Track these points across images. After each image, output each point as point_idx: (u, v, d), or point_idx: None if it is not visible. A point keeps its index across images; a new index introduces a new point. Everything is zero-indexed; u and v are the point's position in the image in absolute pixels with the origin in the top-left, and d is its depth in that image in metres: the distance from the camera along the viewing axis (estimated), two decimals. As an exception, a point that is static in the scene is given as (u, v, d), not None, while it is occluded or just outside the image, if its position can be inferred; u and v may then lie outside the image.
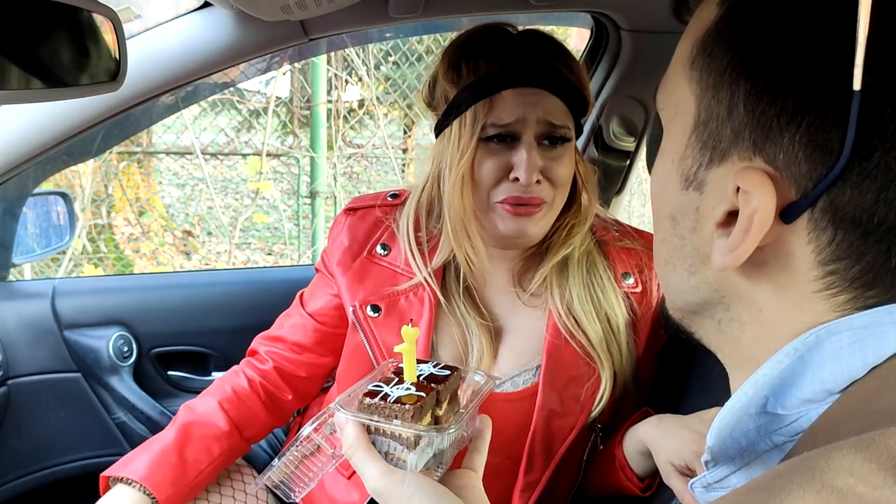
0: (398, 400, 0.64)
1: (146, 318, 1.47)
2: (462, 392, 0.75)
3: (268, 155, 3.86)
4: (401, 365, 0.69)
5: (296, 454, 0.72)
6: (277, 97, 3.80)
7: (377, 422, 0.64)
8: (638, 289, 1.04)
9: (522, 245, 1.02)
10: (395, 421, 0.63)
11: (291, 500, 0.76)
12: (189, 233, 4.11)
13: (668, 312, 0.53)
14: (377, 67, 3.88)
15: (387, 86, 4.01)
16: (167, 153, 4.01)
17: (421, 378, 0.69)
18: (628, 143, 1.54)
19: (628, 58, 1.43)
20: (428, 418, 0.66)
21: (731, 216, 0.42)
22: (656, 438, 0.93)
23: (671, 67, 0.49)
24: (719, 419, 0.45)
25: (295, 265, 3.75)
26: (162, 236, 3.98)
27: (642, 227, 1.15)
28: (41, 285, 1.46)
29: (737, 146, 0.42)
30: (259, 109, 3.89)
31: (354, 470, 1.05)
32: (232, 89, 3.64)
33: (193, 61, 1.08)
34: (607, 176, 1.57)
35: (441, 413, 0.69)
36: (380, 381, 0.68)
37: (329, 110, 3.82)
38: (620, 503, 1.04)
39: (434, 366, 0.71)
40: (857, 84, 0.37)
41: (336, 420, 0.67)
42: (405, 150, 4.32)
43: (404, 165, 4.25)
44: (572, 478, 1.06)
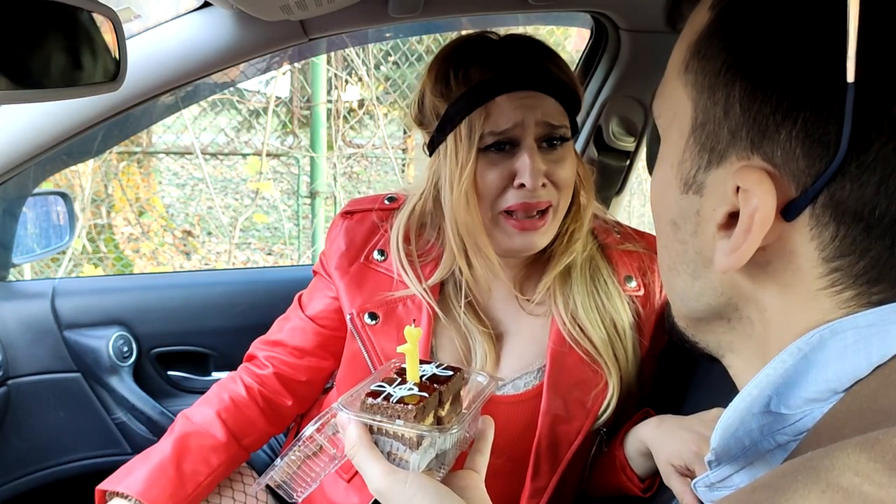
0: (401, 400, 0.64)
1: (146, 318, 1.47)
2: (464, 393, 0.75)
3: (268, 155, 3.86)
4: (403, 365, 0.69)
5: (298, 454, 0.72)
6: (277, 97, 3.80)
7: (380, 422, 0.64)
8: (641, 292, 1.04)
9: (529, 254, 1.00)
10: (398, 421, 0.63)
11: (293, 501, 0.76)
12: (189, 233, 4.11)
13: (674, 321, 0.53)
14: (377, 67, 3.88)
15: (387, 86, 4.01)
16: (167, 153, 4.01)
17: (424, 378, 0.69)
18: (628, 143, 1.54)
19: (628, 58, 1.43)
20: (430, 419, 0.66)
21: (732, 218, 0.42)
22: (657, 439, 0.93)
23: (666, 74, 0.49)
24: (724, 419, 0.45)
25: (295, 265, 3.75)
26: (162, 236, 3.98)
27: (642, 228, 1.15)
28: (41, 285, 1.46)
29: (734, 146, 0.42)
30: (259, 109, 3.89)
31: (355, 473, 1.07)
32: (232, 89, 3.64)
33: (193, 61, 1.08)
34: (607, 176, 1.57)
35: (444, 413, 0.69)
36: (382, 382, 0.68)
37: (329, 110, 3.82)
38: (621, 503, 1.04)
39: (437, 366, 0.71)
40: (851, 77, 0.37)
41: (339, 420, 0.67)
42: (405, 150, 4.31)
43: (404, 165, 4.25)
44: (577, 481, 1.05)
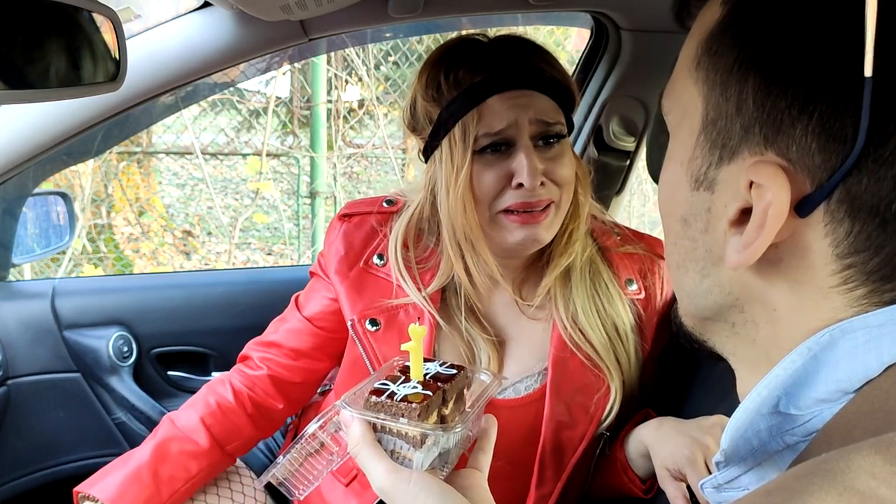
0: (405, 398, 0.63)
1: (146, 318, 1.47)
2: (468, 391, 0.75)
3: (268, 155, 3.86)
4: (407, 363, 0.69)
5: (300, 452, 0.71)
6: (277, 97, 3.80)
7: (383, 420, 0.63)
8: (641, 295, 1.04)
9: (531, 250, 0.99)
10: (402, 419, 0.63)
11: (293, 500, 0.76)
12: (189, 233, 4.10)
13: (681, 320, 0.52)
14: (377, 67, 3.88)
15: (387, 86, 4.01)
16: (167, 153, 4.01)
17: (427, 377, 0.68)
18: (628, 143, 1.54)
19: (628, 58, 1.43)
20: (434, 417, 0.66)
21: (745, 214, 0.42)
22: (655, 441, 0.93)
23: (676, 71, 0.48)
24: (734, 420, 0.45)
25: (295, 265, 3.75)
26: (162, 236, 3.97)
27: (642, 228, 1.15)
28: (41, 285, 1.46)
29: (747, 142, 0.42)
30: (259, 109, 3.89)
31: (354, 476, 1.06)
32: (232, 89, 3.64)
33: (193, 61, 1.08)
34: (607, 176, 1.57)
35: (447, 412, 0.68)
36: (386, 380, 0.67)
37: (329, 110, 3.82)
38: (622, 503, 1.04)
39: (440, 364, 0.71)
40: (868, 70, 0.36)
41: (342, 418, 0.67)
42: (405, 150, 4.31)
43: (404, 165, 4.25)
44: (581, 485, 1.05)
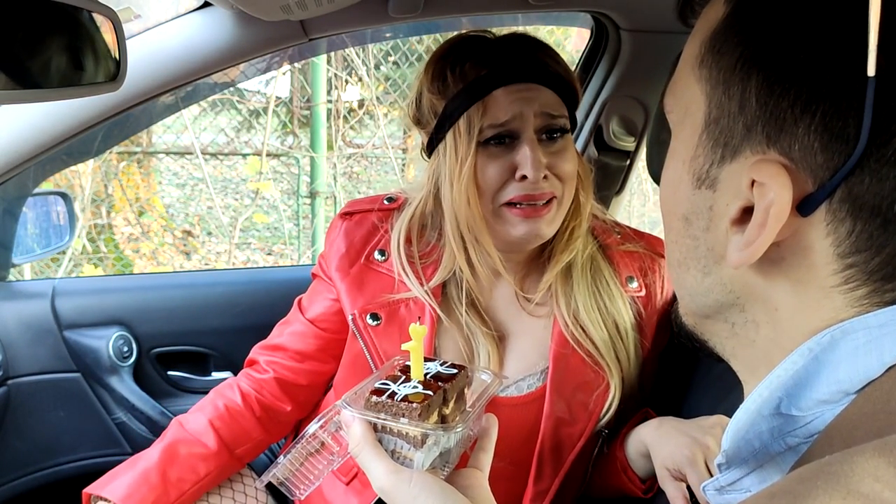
0: (405, 398, 0.63)
1: (146, 318, 1.47)
2: (468, 391, 0.75)
3: (268, 155, 3.86)
4: (407, 363, 0.69)
5: (301, 451, 0.71)
6: (277, 97, 3.80)
7: (384, 420, 0.63)
8: (642, 293, 1.04)
9: (534, 245, 1.00)
10: (402, 419, 0.63)
11: (294, 500, 0.76)
12: (189, 233, 4.11)
13: (682, 320, 0.52)
14: (377, 67, 3.88)
15: (387, 86, 4.01)
16: (167, 153, 4.01)
17: (428, 376, 0.68)
18: (628, 143, 1.54)
19: (628, 58, 1.43)
20: (435, 417, 0.66)
21: (746, 213, 0.42)
22: (655, 441, 0.93)
23: (679, 69, 0.48)
24: (734, 421, 0.45)
25: (295, 265, 3.74)
26: (162, 236, 3.98)
27: (642, 228, 1.15)
28: (41, 285, 1.46)
29: (749, 141, 0.42)
30: (259, 109, 3.89)
31: (354, 475, 1.07)
32: (232, 89, 3.64)
33: (193, 61, 1.08)
34: (607, 176, 1.57)
35: (448, 412, 0.68)
36: (387, 379, 0.67)
37: (329, 110, 3.82)
38: None
39: (441, 364, 0.71)
40: (872, 70, 0.36)
41: (342, 418, 0.66)
42: (405, 150, 4.32)
43: (404, 165, 4.25)
44: (579, 483, 1.05)
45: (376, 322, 1.00)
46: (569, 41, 3.44)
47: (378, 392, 0.65)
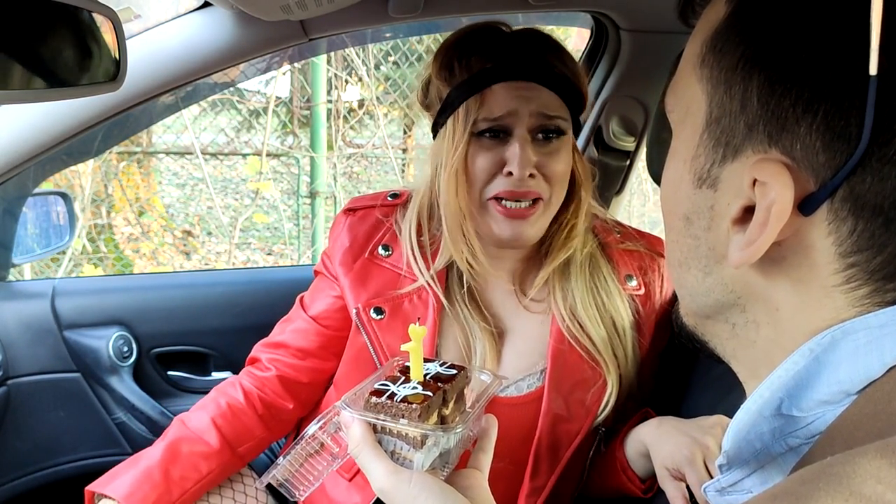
0: (405, 399, 0.63)
1: (146, 318, 1.47)
2: (468, 391, 0.75)
3: (268, 155, 3.86)
4: (407, 364, 0.69)
5: (300, 453, 0.71)
6: (277, 97, 3.81)
7: (383, 421, 0.63)
8: (641, 291, 1.04)
9: (520, 246, 1.01)
10: (402, 420, 0.63)
11: (294, 500, 0.76)
12: (189, 233, 4.11)
13: (683, 320, 0.52)
14: (377, 67, 3.88)
15: (387, 86, 4.02)
16: (167, 153, 4.01)
17: (427, 377, 0.68)
18: (628, 143, 1.54)
19: (628, 58, 1.43)
20: (434, 417, 0.66)
21: (748, 212, 0.42)
22: (654, 441, 0.93)
23: (680, 69, 0.48)
24: (735, 422, 0.45)
25: (295, 265, 3.75)
26: (162, 236, 3.98)
27: (642, 228, 1.15)
28: (41, 285, 1.46)
29: (751, 140, 0.42)
30: (259, 109, 3.90)
31: (356, 472, 1.07)
32: (232, 89, 3.64)
33: (193, 61, 1.08)
34: (607, 176, 1.57)
35: (447, 412, 0.68)
36: (386, 380, 0.67)
37: (329, 110, 3.82)
38: (622, 503, 1.04)
39: (441, 365, 0.71)
40: (874, 69, 0.36)
41: (342, 418, 0.66)
42: (405, 150, 4.32)
43: (404, 165, 4.25)
44: (576, 481, 1.05)
45: (380, 316, 1.01)
46: (569, 41, 3.44)
47: (377, 393, 0.65)
